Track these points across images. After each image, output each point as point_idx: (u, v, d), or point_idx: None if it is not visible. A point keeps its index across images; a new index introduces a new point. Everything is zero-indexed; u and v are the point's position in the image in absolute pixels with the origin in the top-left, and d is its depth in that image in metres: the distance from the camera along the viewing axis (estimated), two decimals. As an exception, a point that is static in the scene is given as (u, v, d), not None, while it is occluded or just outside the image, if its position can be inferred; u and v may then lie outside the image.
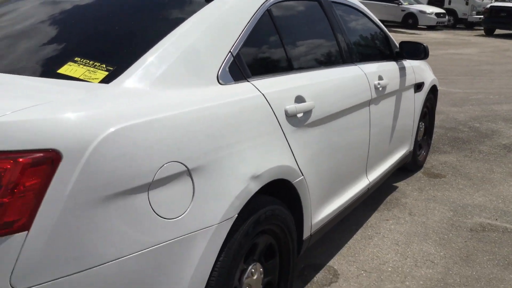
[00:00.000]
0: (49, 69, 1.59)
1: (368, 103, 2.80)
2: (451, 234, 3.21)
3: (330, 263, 2.83)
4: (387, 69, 3.14)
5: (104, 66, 1.57)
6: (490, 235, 3.22)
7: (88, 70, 1.54)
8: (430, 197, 3.80)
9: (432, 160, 4.64)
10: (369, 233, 3.19)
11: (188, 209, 1.53)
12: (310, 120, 2.18)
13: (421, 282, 2.66)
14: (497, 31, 19.61)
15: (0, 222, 1.16)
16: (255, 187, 1.77)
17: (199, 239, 1.57)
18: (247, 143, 1.78)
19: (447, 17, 21.27)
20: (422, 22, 20.42)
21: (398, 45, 3.48)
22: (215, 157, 1.63)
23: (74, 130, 1.27)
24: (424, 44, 3.36)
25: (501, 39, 17.90)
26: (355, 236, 3.15)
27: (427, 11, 20.55)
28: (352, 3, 3.10)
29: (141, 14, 1.90)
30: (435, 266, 2.83)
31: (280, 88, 2.04)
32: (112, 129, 1.33)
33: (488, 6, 19.31)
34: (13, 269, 1.19)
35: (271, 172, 1.86)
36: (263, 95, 1.92)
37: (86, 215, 1.28)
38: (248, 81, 1.92)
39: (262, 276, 2.01)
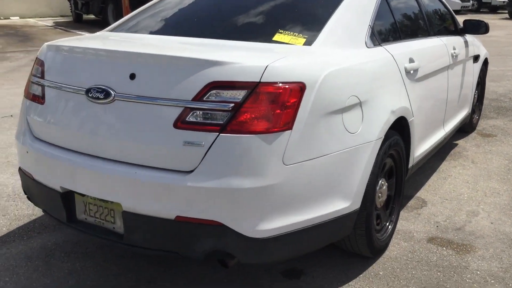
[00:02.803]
0: (267, 37, 2.38)
1: (447, 67, 3.55)
2: (509, 176, 3.96)
3: (418, 194, 3.60)
4: (456, 41, 3.89)
5: (301, 35, 2.36)
6: (542, 175, 3.96)
7: (292, 38, 2.33)
8: (487, 150, 4.54)
9: (483, 124, 5.36)
10: (443, 176, 3.96)
11: (360, 128, 2.32)
12: (417, 76, 2.95)
13: (492, 206, 3.42)
14: (522, 14, 20.00)
15: (280, 124, 1.96)
16: (392, 118, 2.55)
17: (365, 149, 2.36)
18: (387, 88, 2.56)
19: (471, 1, 21.63)
20: (447, 7, 20.82)
21: (462, 23, 4.21)
22: (372, 95, 2.41)
23: (310, 69, 2.07)
24: (485, 21, 4.09)
25: (527, 21, 18.32)
26: (432, 177, 3.92)
27: (452, -4, 20.95)
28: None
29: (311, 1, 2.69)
30: (500, 196, 3.58)
31: (400, 51, 2.81)
32: (327, 71, 2.13)
33: (513, -11, 19.65)
34: (284, 152, 1.99)
35: (400, 109, 2.64)
36: (392, 55, 2.70)
37: (316, 123, 2.08)
38: (381, 46, 2.70)
39: (386, 189, 2.79)
